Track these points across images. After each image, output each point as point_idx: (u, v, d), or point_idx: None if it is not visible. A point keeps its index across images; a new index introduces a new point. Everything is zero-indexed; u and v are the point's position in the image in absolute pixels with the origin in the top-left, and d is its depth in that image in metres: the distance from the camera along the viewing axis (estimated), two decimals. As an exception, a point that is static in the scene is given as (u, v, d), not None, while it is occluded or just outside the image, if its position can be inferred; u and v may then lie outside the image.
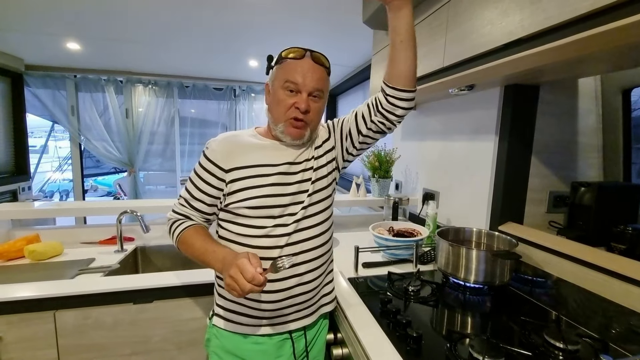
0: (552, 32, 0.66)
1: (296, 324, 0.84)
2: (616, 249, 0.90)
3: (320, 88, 0.78)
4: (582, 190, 1.02)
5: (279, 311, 0.81)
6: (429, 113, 1.61)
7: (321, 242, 0.84)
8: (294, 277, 0.80)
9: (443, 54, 1.01)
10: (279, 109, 0.79)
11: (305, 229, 0.81)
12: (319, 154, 0.87)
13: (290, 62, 0.78)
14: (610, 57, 0.76)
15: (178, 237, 0.81)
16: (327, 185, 0.87)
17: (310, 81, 0.77)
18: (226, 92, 3.88)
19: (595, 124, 1.18)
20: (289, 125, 0.79)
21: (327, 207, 0.86)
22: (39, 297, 0.99)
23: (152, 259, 1.55)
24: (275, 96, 0.79)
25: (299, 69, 0.77)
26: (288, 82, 0.77)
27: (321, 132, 0.91)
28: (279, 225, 0.79)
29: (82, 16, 2.01)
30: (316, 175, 0.84)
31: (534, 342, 0.73)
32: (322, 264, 0.86)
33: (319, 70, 0.79)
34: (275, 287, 0.79)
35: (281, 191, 0.79)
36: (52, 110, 3.40)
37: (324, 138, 0.90)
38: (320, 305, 0.89)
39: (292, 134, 0.80)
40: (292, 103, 0.77)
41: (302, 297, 0.82)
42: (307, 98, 0.77)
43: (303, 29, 2.16)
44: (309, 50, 0.79)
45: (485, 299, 0.97)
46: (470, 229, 1.15)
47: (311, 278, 0.83)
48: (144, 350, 1.08)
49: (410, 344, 0.72)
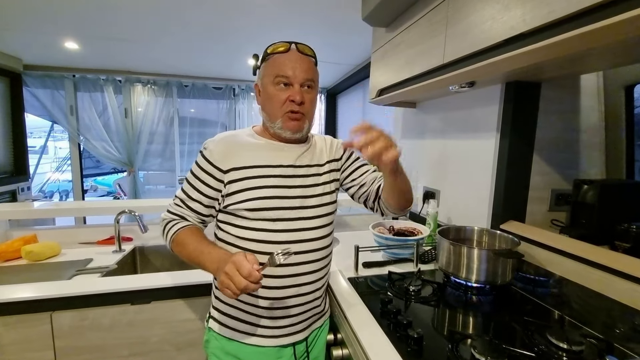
0: (555, 27, 0.65)
1: (289, 339, 0.82)
2: (620, 247, 0.88)
3: (311, 78, 0.78)
4: (585, 188, 1.01)
5: (274, 320, 0.80)
6: (429, 111, 1.59)
7: (321, 246, 0.83)
8: (292, 287, 0.79)
9: (443, 51, 1.00)
10: (274, 105, 0.78)
11: (306, 232, 0.80)
12: (331, 168, 0.87)
13: (277, 57, 0.77)
14: (614, 52, 0.74)
15: (172, 238, 0.78)
16: (331, 191, 0.87)
17: (300, 72, 0.76)
18: (225, 91, 3.87)
19: (597, 121, 1.17)
20: (287, 120, 0.78)
21: (329, 213, 0.85)
22: (36, 298, 0.98)
23: (151, 259, 1.54)
24: (268, 93, 0.78)
25: (287, 62, 0.76)
26: (278, 76, 0.76)
27: (338, 149, 0.92)
28: (279, 230, 0.77)
29: (79, 15, 2.00)
30: (319, 180, 0.84)
31: (537, 343, 0.72)
32: (321, 268, 0.84)
33: (306, 61, 0.78)
34: (273, 295, 0.78)
35: (282, 193, 0.77)
36: (51, 110, 3.39)
37: (337, 157, 0.90)
38: (312, 321, 0.87)
39: (291, 127, 0.79)
40: (286, 97, 0.76)
41: (297, 309, 0.81)
42: (300, 89, 0.76)
43: (302, 27, 2.15)
44: (293, 42, 0.78)
45: (487, 299, 0.96)
46: (472, 228, 1.14)
47: (309, 290, 0.82)
48: (142, 351, 1.06)
49: (411, 345, 0.71)
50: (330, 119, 4.35)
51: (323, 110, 4.30)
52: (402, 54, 1.24)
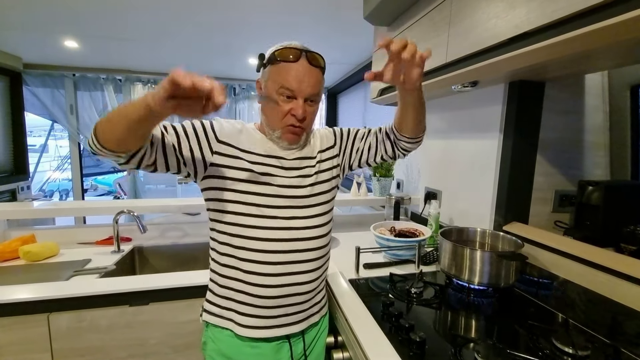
0: (561, 25, 0.63)
1: (284, 330, 0.81)
2: (626, 249, 0.87)
3: (316, 92, 0.76)
4: (590, 189, 0.99)
5: (269, 310, 0.78)
6: (432, 110, 1.58)
7: (317, 246, 0.82)
8: (287, 286, 0.78)
9: (446, 50, 0.99)
10: (275, 115, 0.76)
11: (302, 229, 0.79)
12: (324, 157, 0.86)
13: (285, 66, 0.73)
14: (619, 52, 0.73)
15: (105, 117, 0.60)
16: (329, 189, 0.86)
17: (307, 87, 0.73)
18: (226, 90, 3.86)
19: (602, 122, 1.15)
20: (286, 132, 0.77)
21: (326, 212, 0.85)
22: (33, 300, 0.96)
23: (150, 260, 1.53)
24: (270, 100, 0.76)
25: (294, 73, 0.73)
26: (283, 88, 0.73)
27: (327, 136, 0.91)
28: (273, 227, 0.76)
29: (79, 14, 1.99)
30: (317, 178, 0.83)
31: (542, 347, 0.70)
32: (318, 267, 0.83)
33: (315, 74, 0.75)
34: (268, 293, 0.77)
35: (273, 182, 0.77)
36: (51, 109, 3.38)
37: (330, 144, 0.89)
38: (310, 314, 0.86)
39: (289, 140, 0.78)
40: (288, 110, 0.75)
41: (293, 299, 0.80)
42: (303, 104, 0.74)
43: (303, 26, 2.13)
44: (304, 50, 0.74)
45: (490, 302, 0.94)
46: (474, 229, 1.13)
47: (305, 290, 0.81)
48: (140, 353, 1.05)
49: (413, 349, 0.70)
50: (331, 118, 4.34)
51: (324, 109, 4.29)
52: (404, 53, 1.23)
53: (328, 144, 0.89)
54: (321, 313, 0.90)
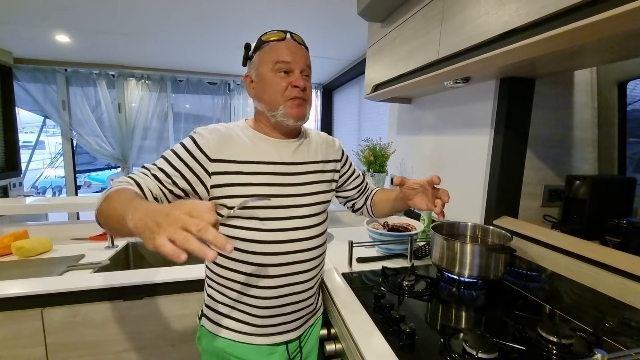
0: (548, 22, 0.65)
1: (283, 337, 0.82)
2: (610, 242, 0.89)
3: (309, 65, 0.79)
4: (577, 184, 1.01)
5: (267, 319, 0.79)
6: (424, 107, 1.59)
7: (314, 245, 0.82)
8: (285, 287, 0.79)
9: (438, 46, 0.99)
10: (274, 91, 0.75)
11: (298, 231, 0.79)
12: (321, 158, 0.87)
13: (275, 44, 0.76)
14: (607, 48, 0.74)
15: (107, 194, 0.61)
16: (327, 190, 0.87)
17: (300, 58, 0.76)
18: (220, 86, 3.84)
19: (590, 118, 1.17)
20: (291, 106, 0.75)
21: (322, 211, 0.85)
22: (26, 295, 0.96)
23: (144, 255, 1.53)
24: (266, 81, 0.76)
25: (285, 48, 0.75)
26: (279, 62, 0.74)
27: (334, 148, 0.93)
28: (270, 230, 0.76)
29: (70, 8, 1.96)
30: (315, 177, 0.83)
31: (528, 337, 0.72)
32: (314, 267, 0.84)
33: (303, 49, 0.79)
34: (266, 294, 0.78)
35: (274, 192, 0.76)
36: (42, 105, 3.34)
37: (336, 158, 0.92)
38: (306, 319, 0.87)
39: (295, 115, 0.76)
40: (288, 83, 0.75)
41: (291, 307, 0.81)
42: (300, 75, 0.76)
43: (297, 22, 2.13)
44: (288, 31, 0.78)
45: (479, 294, 0.96)
46: (465, 223, 1.14)
47: (302, 289, 0.82)
48: (135, 347, 1.06)
49: (403, 339, 0.71)
50: (327, 115, 4.33)
51: (319, 106, 4.28)
52: (398, 49, 1.24)
53: (335, 156, 0.91)
54: (317, 315, 0.92)
